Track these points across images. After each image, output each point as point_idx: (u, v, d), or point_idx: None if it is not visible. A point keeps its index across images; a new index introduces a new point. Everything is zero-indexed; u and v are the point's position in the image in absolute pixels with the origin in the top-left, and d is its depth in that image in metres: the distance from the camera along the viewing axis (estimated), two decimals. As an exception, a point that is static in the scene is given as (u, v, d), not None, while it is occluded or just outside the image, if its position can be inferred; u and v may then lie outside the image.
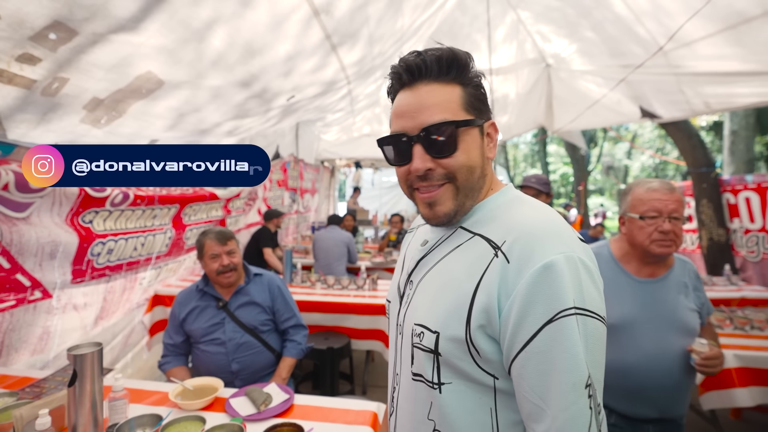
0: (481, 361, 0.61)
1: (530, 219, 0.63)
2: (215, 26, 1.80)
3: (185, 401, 1.36)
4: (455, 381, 0.63)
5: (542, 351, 0.55)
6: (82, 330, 2.12)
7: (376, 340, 2.71)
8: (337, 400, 1.42)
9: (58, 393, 1.28)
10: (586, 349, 0.55)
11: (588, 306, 0.56)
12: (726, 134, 4.94)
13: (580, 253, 0.59)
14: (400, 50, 4.06)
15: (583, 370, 0.54)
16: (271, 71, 2.54)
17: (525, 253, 0.58)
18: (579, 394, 0.53)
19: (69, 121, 1.86)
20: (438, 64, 0.66)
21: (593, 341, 0.56)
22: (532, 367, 0.56)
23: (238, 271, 1.88)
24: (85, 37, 1.45)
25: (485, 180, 0.70)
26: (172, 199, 2.52)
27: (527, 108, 5.33)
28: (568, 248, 0.58)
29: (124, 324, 2.50)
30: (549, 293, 0.56)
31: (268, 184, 4.52)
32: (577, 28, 3.82)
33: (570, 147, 10.63)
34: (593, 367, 0.55)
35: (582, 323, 0.55)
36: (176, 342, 1.86)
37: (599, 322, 0.57)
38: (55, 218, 1.79)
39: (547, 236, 0.59)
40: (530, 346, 0.56)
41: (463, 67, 0.67)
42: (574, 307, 0.55)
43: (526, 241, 0.59)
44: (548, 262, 0.56)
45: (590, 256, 0.61)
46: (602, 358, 0.57)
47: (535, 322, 0.56)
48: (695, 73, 3.10)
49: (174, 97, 2.14)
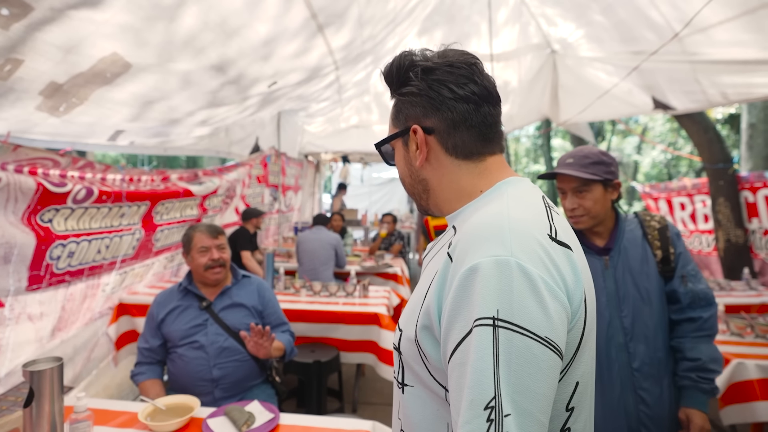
0: (431, 367, 0.63)
1: (480, 217, 0.63)
2: (186, 2, 1.77)
3: (157, 422, 1.33)
4: (416, 385, 0.67)
5: (460, 363, 0.54)
6: (37, 343, 2.07)
7: (367, 352, 2.70)
8: (326, 419, 1.41)
9: (12, 415, 1.25)
10: (505, 368, 0.51)
11: (516, 320, 0.52)
12: (743, 128, 5.04)
13: (523, 259, 0.55)
14: (392, 33, 4.06)
15: (486, 389, 0.50)
16: (250, 54, 2.51)
17: (461, 254, 0.59)
18: (474, 414, 0.50)
19: (23, 108, 1.82)
20: (386, 82, 0.76)
21: (518, 361, 0.51)
22: (453, 379, 0.55)
23: (226, 268, 1.90)
24: (42, 13, 1.42)
25: (428, 185, 0.74)
26: (141, 196, 2.48)
27: (531, 97, 5.37)
28: (505, 251, 0.55)
29: (86, 336, 2.45)
30: (470, 300, 0.55)
31: (247, 180, 4.47)
32: (585, 11, 3.86)
33: (576, 140, 10.74)
34: (513, 391, 0.50)
35: (504, 338, 0.52)
36: (152, 346, 1.84)
37: (534, 342, 0.52)
38: (9, 216, 1.74)
39: (484, 237, 0.58)
40: (453, 359, 0.56)
41: (394, 80, 0.74)
42: (494, 318, 0.52)
43: (465, 241, 0.60)
44: (474, 265, 0.56)
45: (545, 265, 0.56)
46: (537, 385, 0.51)
47: (458, 334, 0.55)
48: (712, 61, 3.15)
49: (141, 83, 2.11)
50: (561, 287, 0.57)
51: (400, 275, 4.27)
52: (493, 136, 0.72)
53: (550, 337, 0.53)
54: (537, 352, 0.52)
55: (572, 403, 0.61)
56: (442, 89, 0.69)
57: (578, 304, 0.59)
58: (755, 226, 4.20)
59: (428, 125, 0.71)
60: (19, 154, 1.81)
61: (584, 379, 0.63)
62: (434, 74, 0.69)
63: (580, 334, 0.60)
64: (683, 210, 5.46)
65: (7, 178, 1.68)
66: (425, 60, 0.71)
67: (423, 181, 0.75)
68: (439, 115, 0.70)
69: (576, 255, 0.63)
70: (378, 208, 10.45)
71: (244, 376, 1.83)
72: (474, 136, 0.70)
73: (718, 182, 4.30)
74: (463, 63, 0.69)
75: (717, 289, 3.42)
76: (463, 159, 0.71)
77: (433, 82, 0.69)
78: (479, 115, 0.69)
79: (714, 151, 4.30)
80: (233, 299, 1.91)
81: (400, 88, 0.73)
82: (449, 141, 0.70)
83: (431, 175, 0.73)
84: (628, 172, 20.36)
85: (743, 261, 4.20)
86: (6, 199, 1.71)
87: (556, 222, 0.64)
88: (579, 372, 0.62)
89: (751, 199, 4.18)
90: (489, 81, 0.71)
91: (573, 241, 0.64)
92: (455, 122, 0.69)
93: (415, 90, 0.70)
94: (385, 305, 2.83)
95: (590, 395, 0.66)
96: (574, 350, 0.60)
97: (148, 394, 1.72)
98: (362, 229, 7.59)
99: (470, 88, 0.69)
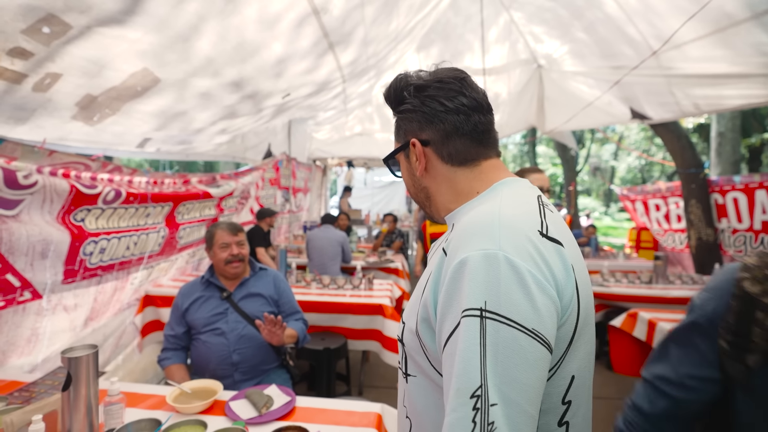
0: (431, 357, 0.62)
1: (474, 215, 0.62)
2: (204, 24, 1.76)
3: (183, 405, 1.32)
4: (418, 375, 0.66)
5: (451, 354, 0.53)
6: (71, 332, 2.06)
7: (372, 340, 2.69)
8: (338, 401, 1.40)
9: (50, 398, 1.23)
10: (491, 359, 0.49)
11: (503, 311, 0.50)
12: (713, 136, 5.04)
13: (511, 253, 0.53)
14: (394, 50, 4.05)
15: (472, 377, 0.49)
16: (265, 72, 2.50)
17: (454, 249, 0.59)
18: (461, 402, 0.48)
19: (60, 118, 1.81)
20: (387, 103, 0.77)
21: (505, 352, 0.49)
22: (445, 369, 0.54)
23: (245, 263, 1.92)
24: (79, 31, 1.41)
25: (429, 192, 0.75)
26: (165, 197, 2.47)
27: (519, 108, 5.37)
28: (493, 245, 0.54)
29: (115, 325, 2.44)
30: (460, 292, 0.53)
31: (261, 183, 4.46)
32: (569, 29, 3.86)
33: (560, 147, 10.75)
34: (500, 381, 0.48)
35: (491, 329, 0.50)
36: (177, 333, 1.85)
37: (521, 334, 0.50)
38: (45, 216, 1.74)
39: (475, 232, 0.57)
40: (446, 349, 0.54)
41: (392, 100, 0.74)
42: (481, 309, 0.51)
43: (458, 237, 0.60)
44: (464, 258, 0.55)
45: (533, 260, 0.54)
46: (524, 376, 0.49)
47: (450, 325, 0.54)
48: (685, 75, 3.15)
49: (166, 96, 2.10)
50: (550, 281, 0.54)
51: (401, 270, 4.26)
52: (488, 142, 0.71)
53: (538, 329, 0.51)
54: (524, 344, 0.50)
55: (568, 396, 0.59)
56: (433, 104, 0.69)
57: (569, 299, 0.56)
58: (724, 226, 4.20)
59: (424, 138, 0.71)
60: (54, 158, 1.80)
61: (580, 373, 0.60)
62: (426, 91, 0.69)
63: (573, 328, 0.57)
64: (658, 211, 5.46)
65: (44, 180, 1.67)
66: (418, 79, 0.71)
67: (424, 189, 0.75)
68: (433, 127, 0.70)
69: (567, 251, 0.59)
70: (380, 208, 10.45)
71: (261, 360, 1.83)
72: (467, 144, 0.69)
73: (690, 186, 4.30)
74: (452, 78, 0.69)
75: (690, 283, 3.41)
76: (459, 165, 0.70)
77: (425, 98, 0.69)
78: (470, 123, 0.69)
79: (686, 157, 4.30)
80: (251, 290, 1.91)
81: (398, 106, 0.74)
82: (444, 150, 0.70)
83: (431, 182, 0.73)
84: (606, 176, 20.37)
85: (713, 257, 4.20)
86: (42, 200, 1.71)
87: (549, 219, 0.62)
88: (574, 366, 0.59)
89: (721, 201, 4.18)
90: (478, 92, 0.71)
91: (565, 238, 0.61)
92: (448, 132, 0.69)
93: (410, 107, 0.71)
94: (388, 297, 2.82)
95: (588, 389, 0.63)
96: (567, 344, 0.57)
97: (173, 377, 1.72)
98: (365, 227, 7.59)
99: (459, 100, 0.68)
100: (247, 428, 1.20)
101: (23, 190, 1.59)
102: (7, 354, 1.73)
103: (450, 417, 0.49)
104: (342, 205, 7.82)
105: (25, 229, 1.62)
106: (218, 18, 1.78)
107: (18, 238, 1.59)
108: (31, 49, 1.38)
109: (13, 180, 1.53)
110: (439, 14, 4.28)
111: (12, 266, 1.61)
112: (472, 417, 0.47)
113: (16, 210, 1.60)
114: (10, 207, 1.58)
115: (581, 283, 0.60)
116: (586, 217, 12.15)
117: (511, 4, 4.27)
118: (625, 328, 2.68)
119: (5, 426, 1.08)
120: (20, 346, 1.78)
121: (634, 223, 6.52)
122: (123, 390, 1.31)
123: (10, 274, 1.61)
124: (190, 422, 1.20)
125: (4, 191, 1.52)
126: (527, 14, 4.27)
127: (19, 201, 1.60)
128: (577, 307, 0.58)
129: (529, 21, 4.36)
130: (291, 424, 1.22)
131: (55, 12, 1.29)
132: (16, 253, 1.61)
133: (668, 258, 4.90)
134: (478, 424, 0.47)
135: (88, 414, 1.12)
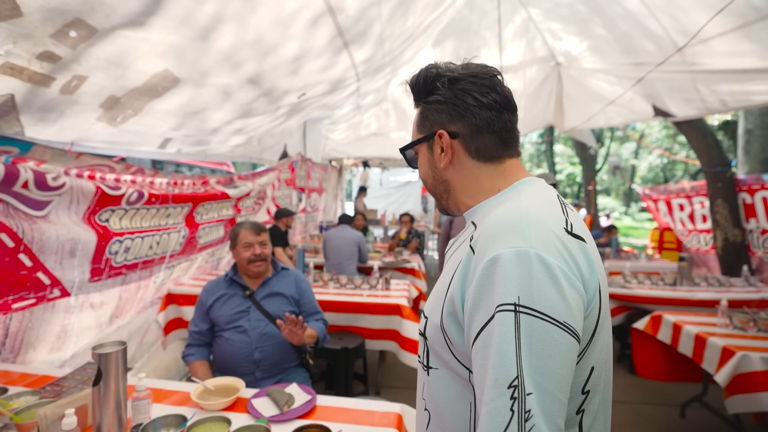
0: (456, 351, 0.63)
1: (500, 212, 0.63)
2: (223, 24, 1.79)
3: (207, 401, 1.35)
4: (441, 368, 0.67)
5: (484, 346, 0.55)
6: (97, 329, 2.12)
7: (389, 340, 2.69)
8: (359, 401, 1.41)
9: (81, 392, 1.27)
10: (526, 351, 0.51)
11: (537, 306, 0.53)
12: (740, 133, 4.88)
13: (542, 250, 0.55)
14: (410, 47, 4.05)
15: (509, 369, 0.51)
16: (281, 69, 2.53)
17: (483, 246, 0.60)
18: (499, 392, 0.51)
19: (86, 119, 1.87)
20: (412, 92, 0.77)
21: (539, 344, 0.52)
22: (478, 361, 0.56)
23: (267, 262, 1.94)
24: (104, 35, 1.45)
25: (450, 185, 0.74)
26: (185, 198, 2.52)
27: (536, 106, 5.30)
28: (524, 243, 0.56)
29: (139, 323, 2.50)
30: (493, 288, 0.55)
31: (277, 183, 4.52)
32: (588, 25, 3.79)
33: (579, 146, 10.57)
34: (535, 371, 0.51)
35: (526, 323, 0.52)
36: (201, 329, 1.89)
37: (554, 327, 0.52)
38: (72, 216, 1.79)
39: (505, 230, 0.59)
40: (477, 342, 0.56)
41: (420, 90, 0.74)
42: (515, 304, 0.53)
43: (487, 234, 0.61)
44: (495, 255, 0.56)
45: (562, 256, 0.56)
46: (557, 366, 0.52)
47: (482, 319, 0.56)
48: (711, 71, 3.06)
49: (185, 95, 2.14)
50: (577, 276, 0.57)
51: (418, 270, 4.25)
52: (512, 141, 0.73)
53: (569, 322, 0.53)
54: (556, 336, 0.52)
55: (588, 386, 0.61)
56: (466, 97, 0.70)
57: (593, 293, 0.59)
58: (753, 226, 4.06)
59: (453, 130, 0.71)
60: (81, 161, 1.86)
61: (599, 365, 0.62)
62: (459, 84, 0.70)
63: (596, 320, 0.60)
64: (682, 211, 5.31)
65: (71, 182, 1.73)
66: (450, 71, 0.71)
67: (445, 181, 0.75)
68: (464, 121, 0.70)
69: (590, 247, 0.62)
70: (395, 208, 10.45)
71: (282, 358, 1.85)
72: (495, 141, 0.71)
73: (716, 185, 4.17)
74: (485, 74, 0.71)
75: (717, 285, 3.31)
76: (485, 161, 0.71)
77: (458, 91, 0.70)
78: (500, 121, 0.70)
79: (713, 155, 4.18)
80: (273, 289, 1.93)
81: (427, 96, 0.73)
82: (472, 145, 0.71)
83: (454, 176, 0.74)
84: (627, 175, 19.94)
85: (741, 259, 4.07)
86: (70, 201, 1.76)
87: (571, 217, 0.65)
88: (594, 357, 0.61)
89: (749, 200, 4.05)
90: (508, 91, 0.72)
91: (587, 235, 0.64)
92: (479, 128, 0.70)
93: (441, 98, 0.71)
94: (405, 297, 2.82)
95: (604, 379, 0.65)
96: (590, 336, 0.60)
97: (196, 373, 1.76)
98: (381, 227, 7.60)
99: (492, 96, 0.70)
100: (270, 426, 1.21)
101: (52, 192, 1.65)
102: (38, 349, 1.79)
103: (488, 406, 0.52)
104: (357, 205, 7.85)
105: (54, 229, 1.67)
106: (235, 18, 1.81)
107: (48, 238, 1.64)
108: (59, 52, 1.42)
109: (43, 182, 1.59)
110: (455, 11, 4.25)
111: (43, 264, 1.67)
112: (510, 406, 0.50)
113: (45, 210, 1.65)
114: (40, 208, 1.63)
115: (601, 277, 0.63)
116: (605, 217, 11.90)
117: (528, 1, 4.22)
118: (649, 331, 2.61)
119: (39, 419, 1.12)
120: (50, 342, 1.84)
121: (657, 223, 6.37)
122: (150, 386, 1.34)
123: (41, 273, 1.67)
124: (214, 419, 1.22)
125: (35, 192, 1.58)
126: (544, 11, 4.21)
127: (48, 202, 1.66)
128: (599, 300, 0.60)
129: (546, 18, 4.30)
130: (313, 423, 1.23)
131: (81, 16, 1.33)
132: (47, 252, 1.66)
133: (693, 259, 4.77)
134: (516, 412, 0.50)
135: (117, 409, 1.15)
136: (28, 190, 1.56)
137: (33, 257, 1.61)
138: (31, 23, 1.27)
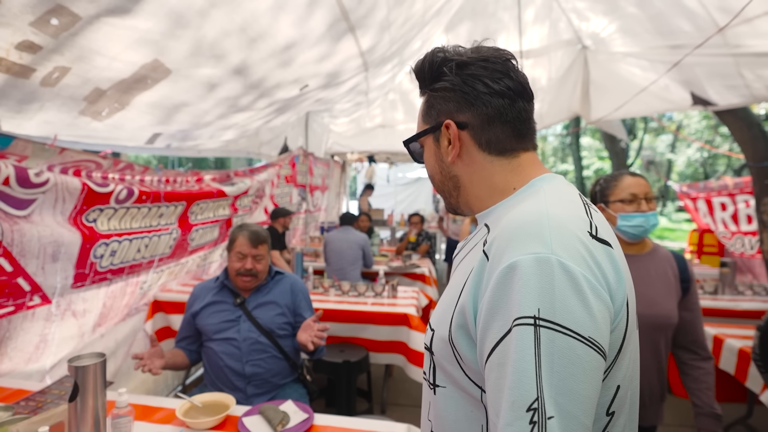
0: (466, 367, 0.62)
1: (517, 214, 0.61)
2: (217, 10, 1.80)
3: (194, 419, 1.36)
4: (449, 386, 0.66)
5: (499, 364, 0.53)
6: (79, 338, 2.15)
7: (396, 353, 2.69)
8: (360, 420, 1.41)
9: (57, 408, 1.29)
10: (547, 369, 0.50)
11: (559, 320, 0.51)
12: (790, 123, 4.77)
13: (564, 256, 0.53)
14: (420, 33, 4.03)
15: (528, 390, 0.49)
16: (275, 58, 2.53)
17: (498, 252, 0.58)
18: (517, 416, 0.49)
19: (69, 113, 1.89)
20: (417, 78, 0.75)
21: (561, 362, 0.50)
22: (492, 380, 0.54)
23: (258, 278, 1.93)
24: (89, 22, 1.47)
25: (459, 182, 0.73)
26: (178, 196, 2.54)
27: (561, 95, 5.24)
28: (545, 249, 0.54)
29: (126, 332, 2.53)
30: (509, 299, 0.53)
31: (276, 180, 4.53)
32: (618, 4, 3.73)
33: (608, 138, 10.43)
34: (557, 392, 0.49)
35: (546, 338, 0.50)
36: (185, 336, 1.94)
37: (578, 343, 0.50)
38: (57, 216, 1.82)
39: (523, 234, 0.57)
40: (491, 359, 0.55)
41: (426, 76, 0.73)
42: (535, 317, 0.51)
43: (502, 239, 0.59)
44: (513, 262, 0.54)
45: (587, 263, 0.55)
46: (581, 386, 0.50)
47: (497, 333, 0.54)
48: (757, 54, 2.99)
49: (176, 88, 2.16)
50: (603, 286, 0.55)
51: (428, 276, 4.24)
52: (527, 132, 0.71)
53: (594, 338, 0.52)
54: (581, 353, 0.51)
55: (613, 407, 0.59)
56: (476, 84, 0.68)
57: (621, 304, 0.57)
58: (804, 228, 3.96)
59: (462, 120, 0.69)
60: (65, 156, 1.88)
61: (625, 383, 0.61)
62: (468, 69, 0.68)
63: (623, 335, 0.58)
64: (724, 210, 5.21)
65: (55, 178, 1.75)
66: (459, 55, 0.70)
67: (454, 177, 0.73)
68: (474, 110, 0.69)
69: (616, 252, 0.60)
70: (404, 207, 10.43)
71: (276, 373, 1.86)
72: (508, 132, 0.69)
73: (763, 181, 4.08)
74: (497, 58, 0.69)
75: (763, 294, 3.24)
76: (497, 155, 0.70)
77: (467, 77, 0.68)
78: (514, 110, 0.68)
79: (759, 148, 4.08)
80: (267, 297, 1.94)
81: (433, 83, 0.72)
82: (483, 136, 0.69)
83: (463, 171, 0.72)
84: (662, 171, 19.63)
85: (791, 264, 3.96)
86: (54, 199, 1.79)
87: (596, 219, 0.62)
88: (620, 375, 0.60)
89: (800, 198, 3.94)
90: (523, 77, 0.70)
91: (613, 239, 0.62)
92: (490, 117, 0.68)
93: (448, 85, 0.69)
94: (414, 306, 2.81)
95: (630, 399, 0.63)
96: (617, 352, 0.58)
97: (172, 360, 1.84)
98: (388, 229, 7.58)
99: (505, 83, 0.68)
100: (262, 447, 1.22)
101: (35, 189, 1.67)
102: (15, 360, 1.82)
103: (505, 431, 0.50)
104: (362, 204, 7.85)
105: (36, 230, 1.70)
106: (228, 4, 1.81)
107: (29, 240, 1.67)
108: (39, 42, 1.44)
109: (25, 178, 1.61)
110: (469, -8, 4.23)
111: (24, 269, 1.69)
112: (530, 430, 0.49)
113: (28, 210, 1.68)
114: (23, 207, 1.66)
115: (629, 287, 0.61)
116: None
117: (551, -21, 4.18)
118: (686, 344, 2.56)
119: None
120: (28, 353, 1.87)
121: (696, 224, 6.26)
122: (131, 402, 1.35)
123: (21, 278, 1.69)
124: (201, 439, 1.23)
125: (17, 190, 1.60)
126: (570, -11, 4.16)
127: (32, 201, 1.68)
128: (626, 311, 0.59)
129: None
130: (309, 444, 1.23)
131: (63, 2, 1.34)
132: (28, 256, 1.69)
133: (736, 265, 4.67)
134: None
135: (95, 426, 1.16)
136: (9, 188, 1.58)
137: (13, 261, 1.64)
138: (9, 10, 1.29)
